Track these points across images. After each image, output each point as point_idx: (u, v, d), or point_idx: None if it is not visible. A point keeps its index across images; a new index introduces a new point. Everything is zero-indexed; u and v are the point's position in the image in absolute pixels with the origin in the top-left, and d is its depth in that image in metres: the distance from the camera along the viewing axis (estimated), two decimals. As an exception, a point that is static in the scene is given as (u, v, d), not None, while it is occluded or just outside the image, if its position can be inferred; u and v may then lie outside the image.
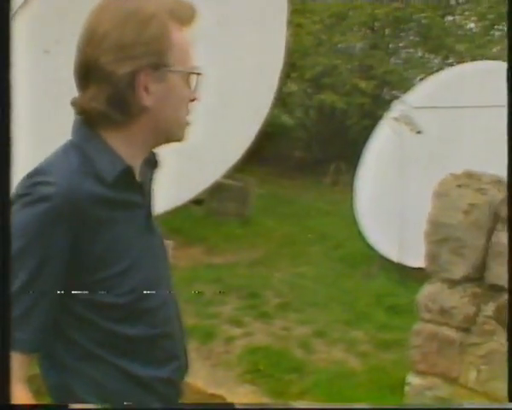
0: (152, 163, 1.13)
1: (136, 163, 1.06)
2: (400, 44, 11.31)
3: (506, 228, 1.91)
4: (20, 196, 0.96)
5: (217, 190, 5.98)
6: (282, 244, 6.32)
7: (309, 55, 10.09)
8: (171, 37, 1.00)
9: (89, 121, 1.02)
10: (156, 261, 1.10)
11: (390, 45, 11.14)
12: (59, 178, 0.96)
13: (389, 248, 5.07)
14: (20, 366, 0.96)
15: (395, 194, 5.10)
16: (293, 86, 10.35)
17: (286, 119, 11.34)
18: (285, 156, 11.13)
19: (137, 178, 1.06)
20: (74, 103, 1.04)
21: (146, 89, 1.00)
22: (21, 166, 0.86)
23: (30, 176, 0.98)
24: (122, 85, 0.99)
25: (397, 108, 5.39)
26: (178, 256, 4.95)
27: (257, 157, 8.09)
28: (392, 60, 11.04)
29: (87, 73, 1.01)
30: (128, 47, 0.98)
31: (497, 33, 10.51)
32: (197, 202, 6.00)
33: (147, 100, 1.01)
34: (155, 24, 0.99)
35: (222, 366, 3.55)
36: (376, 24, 10.89)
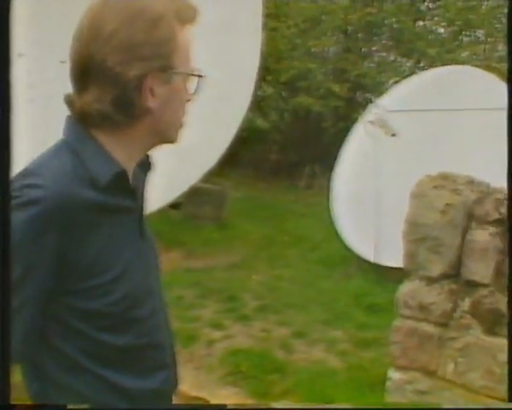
0: (145, 166, 1.10)
1: (131, 166, 1.03)
2: (373, 48, 11.48)
3: (481, 226, 1.99)
4: (8, 198, 0.90)
5: (194, 194, 6.00)
6: (259, 247, 6.36)
7: (283, 58, 10.17)
8: (177, 38, 0.97)
9: (84, 122, 0.98)
10: (147, 268, 1.06)
11: (363, 49, 11.29)
12: (49, 181, 0.91)
13: (366, 248, 5.16)
14: None
15: (370, 196, 5.19)
16: (268, 90, 10.41)
17: (261, 122, 11.39)
18: (260, 159, 11.18)
19: (131, 181, 1.03)
20: (71, 103, 0.99)
21: (152, 91, 0.97)
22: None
23: (19, 177, 0.92)
24: (129, 87, 0.95)
25: (371, 112, 5.49)
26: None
27: (233, 161, 8.13)
28: (366, 63, 11.19)
29: (88, 72, 0.96)
30: (137, 48, 0.94)
31: (465, 39, 10.77)
32: (175, 205, 6.00)
33: (152, 102, 0.98)
34: (164, 25, 0.96)
35: (204, 369, 3.57)
36: (349, 28, 11.04)
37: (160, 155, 1.18)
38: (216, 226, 6.75)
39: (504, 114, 4.67)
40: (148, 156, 1.09)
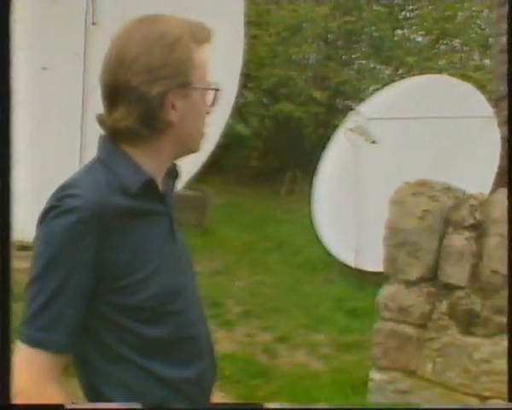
0: (173, 174, 1.20)
1: (159, 175, 1.13)
2: (353, 56, 11.63)
3: (457, 231, 2.08)
4: (49, 208, 1.03)
5: (176, 200, 6.03)
6: (241, 253, 6.41)
7: (265, 65, 10.26)
8: (194, 57, 1.09)
9: (115, 138, 1.09)
10: (179, 268, 1.15)
11: (343, 57, 11.43)
12: (85, 191, 1.02)
13: (347, 253, 5.24)
14: (52, 366, 1.03)
15: (351, 202, 5.28)
16: (249, 96, 10.49)
17: (242, 128, 11.46)
18: (242, 166, 11.23)
19: (160, 188, 1.13)
20: (102, 121, 1.10)
21: (173, 106, 1.08)
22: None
23: (59, 190, 1.04)
24: (153, 104, 1.06)
25: (352, 119, 5.60)
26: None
27: (214, 167, 8.16)
28: (346, 71, 11.33)
29: (116, 93, 1.08)
30: (158, 69, 1.06)
31: (442, 47, 11.00)
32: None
33: (173, 116, 1.09)
34: (181, 47, 1.08)
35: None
36: (330, 36, 11.19)
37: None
38: (198, 233, 6.78)
39: (480, 123, 4.81)
40: (175, 165, 1.20)
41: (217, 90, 1.14)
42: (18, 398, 1.00)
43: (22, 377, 1.01)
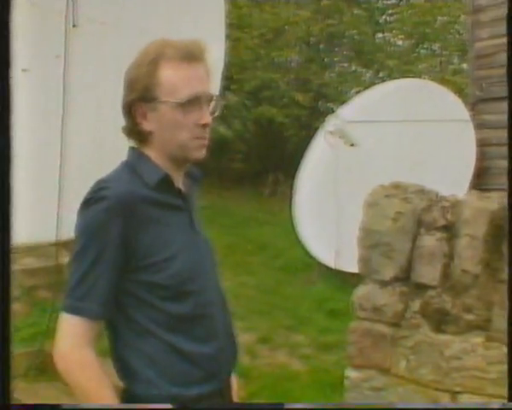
0: (194, 177, 1.39)
1: (175, 174, 1.30)
2: (335, 59, 11.73)
3: (429, 232, 2.13)
4: (87, 199, 1.23)
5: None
6: (223, 255, 6.36)
7: (247, 68, 10.30)
8: (161, 74, 1.24)
9: (137, 143, 1.31)
10: (198, 255, 1.30)
11: (325, 59, 11.52)
12: (113, 184, 1.23)
13: (327, 255, 5.30)
14: (86, 331, 1.19)
15: (331, 204, 5.35)
16: (232, 99, 10.52)
17: (224, 131, 11.48)
18: (224, 168, 11.24)
19: (178, 185, 1.30)
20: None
21: (144, 116, 1.26)
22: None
23: (94, 185, 1.25)
24: (125, 112, 1.28)
25: (331, 122, 5.66)
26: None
27: (197, 169, 8.17)
28: (327, 73, 11.42)
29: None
30: (130, 83, 1.26)
31: (422, 51, 11.14)
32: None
33: (147, 125, 1.27)
34: (148, 64, 1.24)
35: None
36: (312, 39, 11.27)
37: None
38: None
39: (456, 126, 4.90)
40: (195, 168, 1.39)
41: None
42: (58, 361, 1.18)
43: (62, 341, 1.18)
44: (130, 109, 1.27)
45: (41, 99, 4.48)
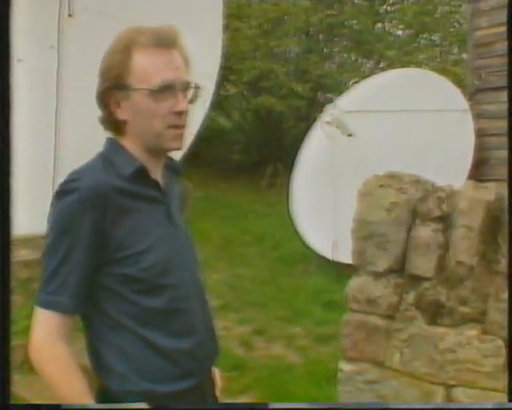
0: (174, 170, 1.35)
1: (152, 165, 1.27)
2: (334, 49, 11.64)
3: (424, 223, 2.10)
4: (58, 191, 1.20)
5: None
6: (220, 247, 6.40)
7: (246, 58, 10.23)
8: (133, 62, 1.21)
9: (113, 134, 1.28)
10: (176, 248, 1.27)
11: (324, 50, 11.44)
12: (85, 176, 1.20)
13: (324, 246, 5.27)
14: (57, 325, 1.18)
15: (328, 195, 5.31)
16: (231, 89, 10.46)
17: (224, 122, 11.42)
18: (223, 159, 11.20)
19: (155, 177, 1.26)
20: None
21: (118, 104, 1.23)
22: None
23: (66, 177, 1.22)
24: (98, 101, 1.25)
25: (329, 112, 5.61)
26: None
27: (195, 160, 8.12)
28: (327, 64, 11.34)
29: None
30: (103, 71, 1.24)
31: (422, 41, 11.06)
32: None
33: (121, 115, 1.24)
34: (119, 51, 1.22)
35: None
36: (311, 29, 11.18)
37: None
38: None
39: (455, 116, 4.84)
40: (174, 160, 1.35)
41: (197, 88, 1.25)
42: (32, 354, 1.17)
43: (36, 335, 1.17)
44: (103, 98, 1.24)
45: (35, 90, 4.44)
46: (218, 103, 10.21)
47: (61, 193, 1.20)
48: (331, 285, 5.01)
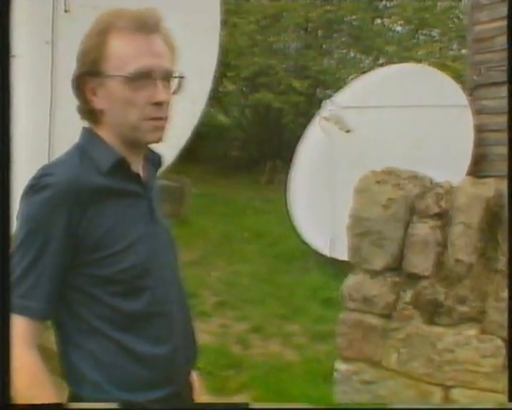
0: (155, 162, 1.26)
1: (132, 157, 1.18)
2: (333, 45, 11.61)
3: (422, 220, 2.05)
4: (29, 186, 1.11)
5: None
6: (218, 244, 6.37)
7: (244, 54, 10.19)
8: (108, 47, 1.12)
9: (90, 124, 1.19)
10: (156, 248, 1.19)
11: (323, 46, 11.41)
12: (59, 170, 1.11)
13: (322, 243, 5.23)
14: (29, 332, 1.09)
15: (326, 191, 5.27)
16: (229, 86, 10.41)
17: (222, 118, 11.38)
18: (221, 156, 11.17)
19: (136, 170, 1.18)
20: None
21: (94, 92, 1.15)
22: None
23: (38, 170, 1.13)
24: (73, 89, 1.16)
25: (327, 108, 5.56)
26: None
27: (193, 157, 8.09)
28: (326, 60, 11.31)
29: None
30: (79, 57, 1.15)
31: (421, 37, 11.02)
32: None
33: (98, 103, 1.15)
34: (95, 36, 1.13)
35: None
36: (310, 25, 11.14)
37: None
38: (176, 223, 6.71)
39: (454, 111, 4.78)
40: (155, 153, 1.26)
41: (181, 77, 1.17)
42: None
43: (12, 340, 1.07)
44: (79, 85, 1.15)
45: (30, 86, 4.39)
46: (217, 100, 10.18)
47: (32, 189, 1.10)
48: (329, 282, 4.97)
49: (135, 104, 1.12)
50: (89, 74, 1.13)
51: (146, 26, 1.12)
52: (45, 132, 4.33)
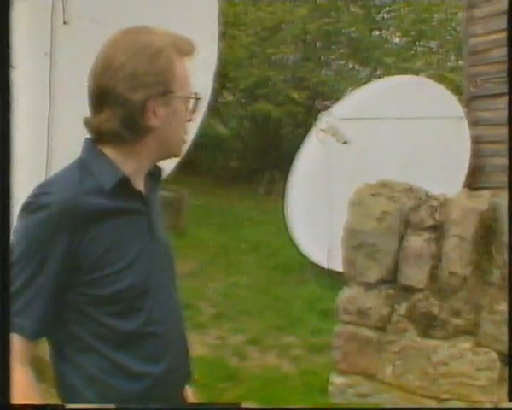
0: (156, 176, 1.27)
1: (138, 176, 1.19)
2: (331, 57, 11.65)
3: (416, 233, 2.06)
4: (25, 205, 1.10)
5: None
6: (216, 255, 6.36)
7: (243, 66, 10.23)
8: (175, 67, 1.17)
9: (98, 140, 1.17)
10: (154, 266, 1.19)
11: (321, 57, 11.45)
12: (58, 190, 1.10)
13: (320, 254, 5.22)
14: (22, 349, 1.08)
15: (324, 202, 5.27)
16: (228, 97, 10.45)
17: (221, 129, 11.41)
18: (220, 167, 11.18)
19: (140, 188, 1.19)
20: (88, 123, 1.18)
21: (154, 112, 1.16)
22: None
23: (36, 188, 1.12)
24: (135, 109, 1.14)
25: (324, 120, 5.58)
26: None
27: (192, 168, 8.10)
28: (324, 71, 11.35)
29: (102, 98, 1.15)
30: (141, 77, 1.14)
31: (419, 49, 11.07)
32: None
33: (154, 122, 1.16)
34: (163, 57, 1.16)
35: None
36: (308, 37, 11.19)
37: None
38: (174, 234, 6.71)
39: (451, 123, 4.80)
40: (157, 167, 1.26)
41: (198, 98, 1.21)
42: None
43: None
44: (144, 105, 1.14)
45: (29, 96, 4.41)
46: (216, 111, 10.21)
47: (30, 207, 1.09)
48: (326, 294, 4.95)
49: (184, 122, 1.21)
50: (160, 95, 1.15)
51: (191, 50, 1.20)
52: (44, 142, 4.34)
